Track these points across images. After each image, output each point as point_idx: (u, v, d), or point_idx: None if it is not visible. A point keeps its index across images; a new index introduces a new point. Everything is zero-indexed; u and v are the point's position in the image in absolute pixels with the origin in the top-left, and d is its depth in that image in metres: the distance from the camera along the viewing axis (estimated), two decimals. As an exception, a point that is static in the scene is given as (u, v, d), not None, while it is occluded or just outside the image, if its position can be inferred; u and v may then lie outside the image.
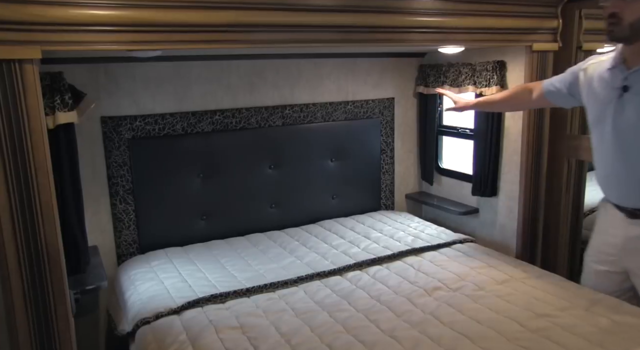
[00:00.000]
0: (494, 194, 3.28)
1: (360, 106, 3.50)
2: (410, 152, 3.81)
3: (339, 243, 2.97)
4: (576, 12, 2.87)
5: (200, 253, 2.85)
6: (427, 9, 2.47)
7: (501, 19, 2.70)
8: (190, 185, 2.98)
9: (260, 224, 3.22)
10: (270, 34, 2.14)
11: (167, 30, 1.91)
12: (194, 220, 3.03)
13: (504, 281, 2.45)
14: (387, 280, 2.50)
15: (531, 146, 3.02)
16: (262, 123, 3.16)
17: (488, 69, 3.11)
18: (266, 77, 3.18)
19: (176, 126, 2.91)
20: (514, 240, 3.17)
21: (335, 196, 3.48)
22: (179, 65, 2.91)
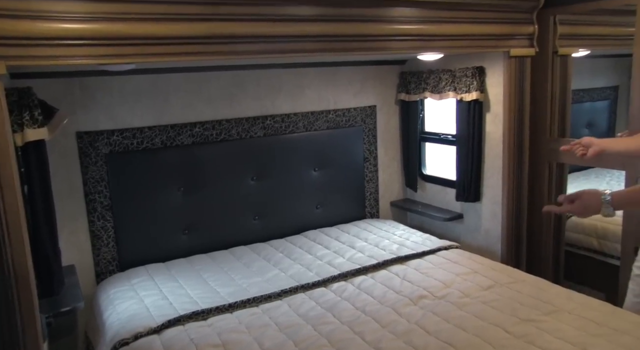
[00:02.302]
0: (477, 199, 3.28)
1: (342, 115, 3.49)
2: (393, 159, 3.81)
3: (323, 253, 2.94)
4: (551, 18, 2.90)
5: (182, 268, 2.81)
6: (406, 17, 2.48)
7: (479, 25, 2.71)
8: (171, 199, 2.94)
9: (243, 236, 3.19)
10: (249, 45, 2.12)
11: (141, 43, 1.88)
12: (175, 234, 2.98)
13: (489, 287, 2.44)
14: (372, 290, 2.47)
15: (512, 151, 3.03)
16: (243, 134, 3.13)
17: (468, 75, 3.12)
18: (246, 88, 3.15)
19: (155, 140, 2.87)
20: (499, 245, 3.17)
21: (319, 206, 3.45)
22: (157, 77, 2.87)
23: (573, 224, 3.44)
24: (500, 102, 3.04)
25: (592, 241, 3.34)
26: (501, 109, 3.04)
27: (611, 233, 3.17)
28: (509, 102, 2.98)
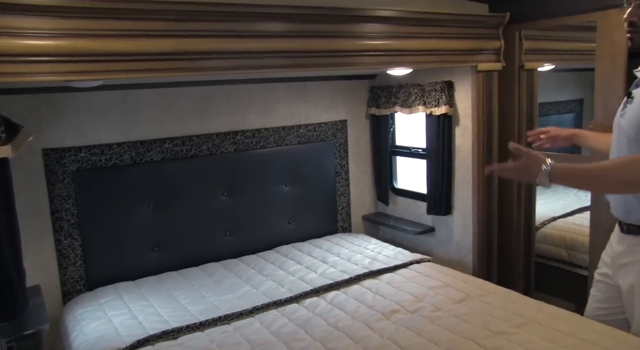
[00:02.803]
0: (448, 212, 3.31)
1: (313, 129, 3.49)
2: (364, 173, 3.82)
3: (295, 269, 2.92)
4: (516, 33, 2.98)
5: (152, 287, 2.75)
6: (376, 32, 2.51)
7: (447, 41, 2.77)
8: (141, 217, 2.89)
9: (215, 252, 3.15)
10: (218, 62, 2.12)
11: (108, 59, 1.86)
12: (145, 252, 2.93)
13: (461, 300, 2.45)
14: (344, 305, 2.46)
15: (482, 164, 3.07)
16: (214, 150, 3.11)
17: (437, 89, 3.16)
18: (217, 103, 3.14)
19: (124, 156, 2.83)
20: (470, 257, 3.20)
21: (291, 221, 3.44)
22: (126, 93, 2.84)
23: (543, 236, 3.49)
24: (469, 116, 3.09)
25: (562, 252, 3.40)
26: (470, 122, 3.09)
27: (579, 244, 3.23)
28: (478, 116, 3.03)
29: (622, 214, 1.87)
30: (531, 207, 3.23)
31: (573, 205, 3.72)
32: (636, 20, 1.68)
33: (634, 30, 1.70)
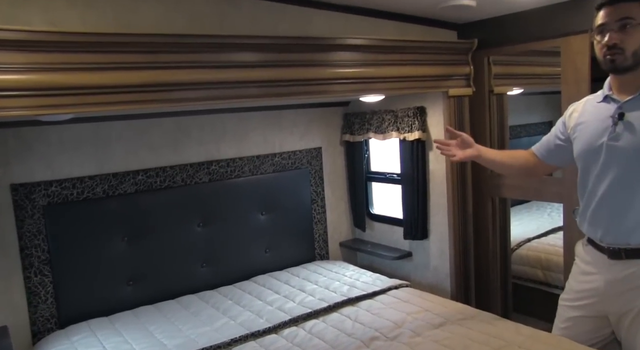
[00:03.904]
0: (425, 237, 3.33)
1: (288, 157, 3.50)
2: (341, 199, 3.83)
3: (273, 299, 2.88)
4: (485, 58, 3.05)
5: (127, 322, 2.68)
6: (347, 60, 2.54)
7: (418, 67, 2.82)
8: (115, 250, 2.83)
9: (191, 284, 3.09)
10: (191, 92, 2.12)
11: (80, 93, 1.84)
12: (119, 286, 2.86)
13: (440, 325, 2.45)
14: (324, 334, 2.43)
15: (456, 187, 3.11)
16: (188, 180, 3.08)
17: (409, 115, 3.21)
18: (190, 134, 3.12)
19: (96, 189, 2.78)
20: (448, 281, 3.20)
21: (268, 250, 3.41)
22: (97, 126, 2.81)
23: (518, 257, 3.53)
24: (442, 141, 3.13)
25: (538, 273, 3.44)
26: (443, 147, 3.12)
27: (554, 264, 3.28)
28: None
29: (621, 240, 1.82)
30: (506, 229, 3.27)
31: (547, 225, 3.78)
32: (619, 42, 1.73)
33: (617, 52, 1.74)
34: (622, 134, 1.78)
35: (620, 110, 1.80)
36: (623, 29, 1.72)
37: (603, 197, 1.85)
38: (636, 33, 1.71)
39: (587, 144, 1.90)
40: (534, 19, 2.75)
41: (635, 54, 1.73)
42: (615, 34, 1.73)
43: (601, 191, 1.85)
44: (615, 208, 1.82)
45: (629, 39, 1.71)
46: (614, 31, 1.73)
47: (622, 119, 1.79)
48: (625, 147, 1.77)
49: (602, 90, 1.91)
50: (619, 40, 1.72)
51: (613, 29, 1.73)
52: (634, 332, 1.84)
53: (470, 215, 3.18)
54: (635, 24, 1.70)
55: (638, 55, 1.73)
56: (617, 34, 1.72)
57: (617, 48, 1.73)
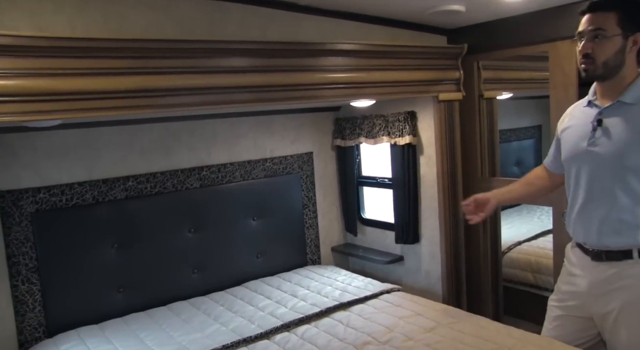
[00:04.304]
0: (416, 241, 3.33)
1: (279, 162, 3.49)
2: (332, 204, 3.83)
3: (265, 304, 2.87)
4: (474, 63, 3.07)
5: (117, 329, 2.66)
6: (337, 65, 2.55)
7: (408, 72, 2.83)
8: (104, 257, 2.81)
9: (182, 291, 3.07)
10: (181, 98, 2.11)
11: (69, 98, 1.83)
12: (109, 293, 2.83)
13: (432, 328, 2.45)
14: (316, 339, 2.43)
15: (447, 191, 3.12)
16: (179, 186, 3.07)
17: (400, 120, 3.22)
18: (181, 139, 3.11)
19: (86, 196, 2.76)
20: (440, 285, 3.21)
21: (259, 255, 3.39)
22: (86, 131, 2.78)
23: (509, 260, 3.55)
24: (433, 145, 3.14)
25: (528, 276, 3.46)
26: (434, 151, 3.14)
27: (544, 267, 3.30)
28: (441, 145, 3.09)
29: (602, 242, 1.85)
30: (497, 233, 3.28)
31: (537, 228, 3.80)
32: (590, 52, 1.76)
33: (589, 61, 1.77)
34: (600, 140, 1.82)
35: (599, 116, 1.83)
36: (595, 39, 1.75)
37: (584, 201, 1.88)
38: (606, 44, 1.74)
39: (571, 149, 1.94)
40: (522, 25, 2.78)
41: (606, 64, 1.75)
42: (588, 43, 1.76)
43: (582, 195, 1.89)
44: (595, 212, 1.85)
45: (599, 49, 1.74)
46: (588, 40, 1.76)
47: (600, 124, 1.82)
48: (603, 152, 1.80)
49: (588, 95, 1.94)
50: (591, 49, 1.76)
51: (588, 38, 1.76)
52: (615, 332, 1.86)
53: (461, 219, 3.18)
54: (605, 35, 1.73)
55: (609, 66, 1.76)
56: (590, 43, 1.76)
57: (589, 57, 1.77)
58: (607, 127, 1.80)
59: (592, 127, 1.84)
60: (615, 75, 1.77)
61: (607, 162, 1.80)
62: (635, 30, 1.73)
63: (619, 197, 1.78)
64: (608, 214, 1.81)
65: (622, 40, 1.73)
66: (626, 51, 1.74)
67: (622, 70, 1.76)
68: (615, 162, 1.77)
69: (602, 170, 1.82)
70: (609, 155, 1.79)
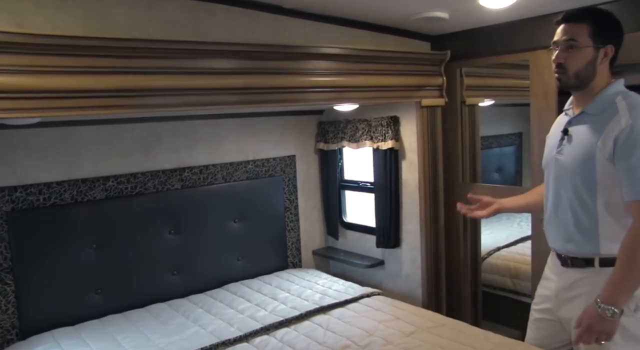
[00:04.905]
0: (397, 245, 3.35)
1: (261, 165, 3.48)
2: (314, 208, 3.83)
3: (245, 307, 2.86)
4: (457, 70, 3.10)
5: (94, 331, 2.62)
6: (322, 69, 2.56)
7: (391, 77, 2.85)
8: (82, 258, 2.77)
9: (161, 293, 3.04)
10: (164, 98, 2.10)
11: (48, 96, 1.80)
12: (87, 295, 2.79)
13: (411, 333, 2.46)
14: (295, 343, 2.42)
15: (428, 197, 3.14)
16: (160, 187, 3.04)
17: (383, 124, 3.24)
18: (162, 140, 3.08)
19: (64, 195, 2.72)
20: (420, 290, 3.23)
21: (240, 258, 3.38)
22: (66, 130, 2.75)
23: (489, 266, 3.58)
24: (415, 150, 3.16)
25: (507, 281, 3.49)
26: (416, 156, 3.16)
27: (523, 272, 3.33)
28: (423, 150, 3.11)
29: (567, 248, 1.89)
30: (477, 238, 3.31)
31: (516, 234, 3.84)
32: (563, 62, 1.79)
33: (562, 71, 1.80)
34: (565, 148, 1.86)
35: (567, 126, 1.87)
36: (568, 50, 1.78)
37: (553, 208, 1.93)
38: (578, 55, 1.77)
39: (545, 156, 2.00)
40: (504, 33, 2.82)
41: (577, 75, 1.79)
42: (561, 53, 1.80)
43: (552, 202, 1.93)
44: (562, 219, 1.89)
45: (571, 60, 1.77)
46: (562, 50, 1.80)
47: (567, 134, 1.86)
48: (567, 161, 1.84)
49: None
50: (564, 59, 1.79)
51: (561, 48, 1.80)
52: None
53: (442, 224, 3.21)
54: (577, 46, 1.76)
55: (580, 76, 1.79)
56: (564, 53, 1.79)
57: (562, 67, 1.80)
58: (571, 136, 1.85)
59: (560, 136, 1.89)
60: (587, 85, 1.81)
61: (568, 171, 1.84)
62: (606, 43, 1.77)
63: (577, 206, 1.82)
64: (571, 221, 1.85)
65: (593, 51, 1.76)
66: (597, 63, 1.77)
67: (593, 81, 1.80)
68: (575, 171, 1.81)
69: (565, 179, 1.86)
70: (568, 164, 1.83)
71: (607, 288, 1.71)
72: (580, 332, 1.75)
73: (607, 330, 1.71)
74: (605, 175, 1.73)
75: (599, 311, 1.70)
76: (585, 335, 1.74)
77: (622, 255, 1.71)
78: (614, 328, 1.72)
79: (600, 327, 1.71)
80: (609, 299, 1.70)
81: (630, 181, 1.67)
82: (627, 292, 1.71)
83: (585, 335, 1.74)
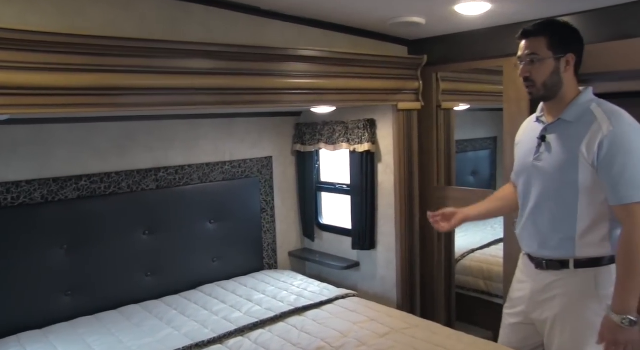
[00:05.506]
0: (372, 247, 3.37)
1: (238, 166, 3.47)
2: (290, 209, 3.82)
3: (219, 308, 2.84)
4: (433, 75, 3.14)
5: (63, 334, 2.57)
6: (299, 71, 2.56)
7: (368, 80, 2.87)
8: (52, 259, 2.72)
9: (135, 294, 3.00)
10: (139, 98, 2.08)
11: (17, 93, 1.77)
12: (56, 297, 2.74)
13: (385, 334, 2.48)
14: (269, 344, 2.42)
15: (404, 199, 3.17)
16: (135, 187, 3.01)
17: (360, 127, 3.25)
18: (138, 139, 3.05)
19: (34, 194, 2.67)
20: (395, 291, 3.25)
21: (215, 259, 3.36)
22: (37, 128, 2.69)
23: (462, 267, 3.62)
24: (391, 153, 3.19)
25: (480, 283, 3.54)
26: (392, 159, 3.19)
27: (495, 274, 3.38)
28: (399, 153, 3.14)
29: (542, 253, 1.93)
30: (451, 240, 3.35)
31: (489, 237, 3.90)
32: (529, 75, 1.86)
33: (530, 84, 1.87)
34: (543, 155, 1.90)
35: (544, 133, 1.92)
36: (531, 63, 1.84)
37: (530, 212, 1.97)
38: (542, 67, 1.83)
39: (520, 163, 2.04)
40: (479, 40, 2.86)
41: (545, 85, 1.85)
42: (526, 67, 1.86)
43: (529, 207, 1.97)
44: (538, 223, 1.93)
45: (536, 72, 1.84)
46: (526, 64, 1.86)
47: (544, 140, 1.91)
48: (545, 167, 1.89)
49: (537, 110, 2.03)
50: (529, 72, 1.86)
51: (525, 62, 1.87)
52: (550, 339, 1.94)
53: (417, 226, 3.24)
54: (539, 58, 1.82)
55: (548, 86, 1.85)
56: (528, 66, 1.86)
57: (529, 80, 1.86)
58: (549, 142, 1.89)
59: (537, 143, 1.93)
60: (557, 94, 1.87)
61: (547, 177, 1.88)
62: (566, 51, 1.83)
63: (557, 210, 1.87)
64: (548, 226, 1.90)
65: (554, 61, 1.83)
66: (561, 71, 1.83)
67: (561, 89, 1.85)
68: (555, 177, 1.86)
69: (544, 185, 1.90)
70: (549, 170, 1.87)
71: (616, 298, 1.73)
72: (607, 346, 1.75)
73: (632, 339, 1.72)
74: (587, 180, 1.78)
75: (616, 323, 1.71)
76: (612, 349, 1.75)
77: (621, 261, 1.73)
78: (637, 336, 1.72)
79: (624, 338, 1.71)
80: (620, 308, 1.71)
81: (616, 186, 1.71)
82: (636, 297, 1.72)
83: (612, 348, 1.75)
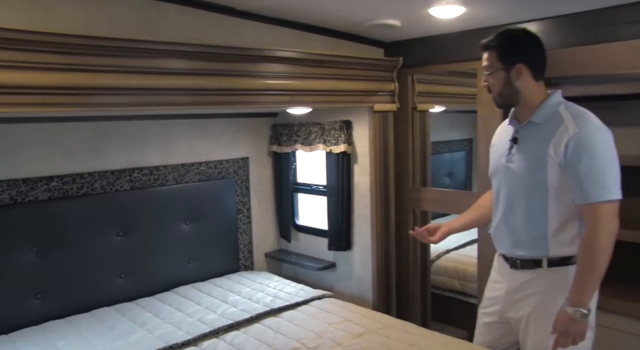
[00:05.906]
0: (348, 248, 3.38)
1: (214, 167, 3.45)
2: (267, 210, 3.81)
3: (194, 310, 2.82)
4: (409, 77, 3.17)
5: (31, 338, 2.51)
6: (275, 72, 2.55)
7: (344, 82, 2.88)
8: (21, 261, 2.66)
9: (107, 296, 2.96)
10: (112, 97, 2.05)
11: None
12: (25, 300, 2.68)
13: (360, 334, 2.49)
14: (244, 346, 2.41)
15: (379, 200, 3.19)
16: (108, 188, 2.96)
17: (336, 128, 3.26)
18: (111, 140, 3.00)
19: (2, 195, 2.60)
20: (371, 292, 3.26)
21: (191, 260, 3.33)
22: (5, 127, 2.63)
23: (438, 268, 3.66)
24: (367, 154, 3.20)
25: (455, 283, 3.58)
26: (368, 160, 3.20)
27: (470, 274, 3.42)
28: (375, 154, 3.16)
29: (515, 253, 1.97)
30: (426, 241, 3.37)
31: (465, 237, 3.94)
32: (488, 85, 1.96)
33: (491, 94, 1.97)
34: (514, 156, 1.95)
35: (515, 135, 1.97)
36: (489, 75, 1.95)
37: (503, 213, 2.01)
38: (495, 79, 1.93)
39: (493, 165, 2.09)
40: (453, 42, 2.90)
41: (501, 95, 1.94)
42: (486, 78, 1.97)
43: (501, 208, 2.02)
44: (511, 224, 1.97)
45: (492, 83, 1.95)
46: (485, 76, 1.97)
47: (516, 142, 1.96)
48: (516, 168, 1.94)
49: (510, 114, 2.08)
50: (487, 83, 1.96)
51: (485, 74, 1.97)
52: (525, 337, 1.98)
53: (393, 227, 3.26)
54: (493, 70, 1.92)
55: (504, 95, 1.94)
56: (487, 77, 1.96)
57: (490, 90, 1.97)
58: (521, 144, 1.94)
59: (509, 145, 1.98)
60: (517, 101, 1.94)
61: (519, 178, 1.93)
62: (515, 62, 1.89)
63: (528, 211, 1.91)
64: (520, 226, 1.94)
65: (504, 73, 1.90)
66: (512, 81, 1.90)
67: (520, 96, 1.92)
68: (525, 178, 1.90)
69: (516, 186, 1.94)
70: (520, 171, 1.92)
71: (573, 292, 1.79)
72: (557, 336, 1.81)
73: (581, 331, 1.79)
74: (556, 180, 1.82)
75: (570, 315, 1.77)
76: (562, 339, 1.81)
77: (582, 258, 1.79)
78: (585, 328, 1.80)
79: (574, 329, 1.78)
80: (576, 301, 1.77)
81: (581, 185, 1.76)
82: (591, 292, 1.78)
83: (562, 339, 1.81)
